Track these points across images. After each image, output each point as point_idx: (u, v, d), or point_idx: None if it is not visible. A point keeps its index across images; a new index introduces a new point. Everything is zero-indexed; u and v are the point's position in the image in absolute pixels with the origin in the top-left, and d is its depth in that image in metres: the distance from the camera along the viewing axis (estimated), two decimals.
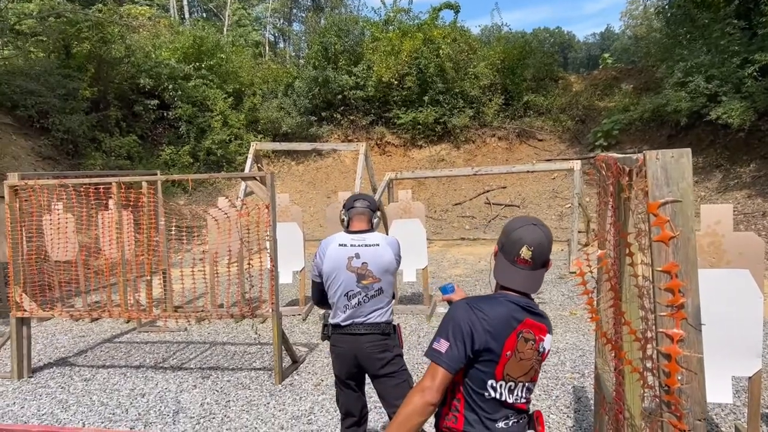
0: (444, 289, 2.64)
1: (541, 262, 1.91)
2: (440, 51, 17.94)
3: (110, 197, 6.42)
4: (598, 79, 20.43)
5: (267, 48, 33.99)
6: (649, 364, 1.76)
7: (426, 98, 18.35)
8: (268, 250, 5.19)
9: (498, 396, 1.85)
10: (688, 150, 1.40)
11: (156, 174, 7.07)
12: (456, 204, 16.38)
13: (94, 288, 9.02)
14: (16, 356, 5.63)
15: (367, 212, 3.24)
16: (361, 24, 20.73)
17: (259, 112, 19.44)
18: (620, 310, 2.06)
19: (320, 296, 3.26)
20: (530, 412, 1.99)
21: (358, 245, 3.13)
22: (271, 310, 5.20)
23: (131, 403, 4.96)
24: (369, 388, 3.34)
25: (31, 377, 5.72)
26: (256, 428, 4.36)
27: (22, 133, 15.64)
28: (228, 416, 4.60)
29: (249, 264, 5.35)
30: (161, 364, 5.98)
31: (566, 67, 32.37)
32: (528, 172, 12.85)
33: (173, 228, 6.87)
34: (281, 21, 45.26)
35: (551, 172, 16.50)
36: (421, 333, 6.69)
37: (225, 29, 28.45)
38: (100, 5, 17.86)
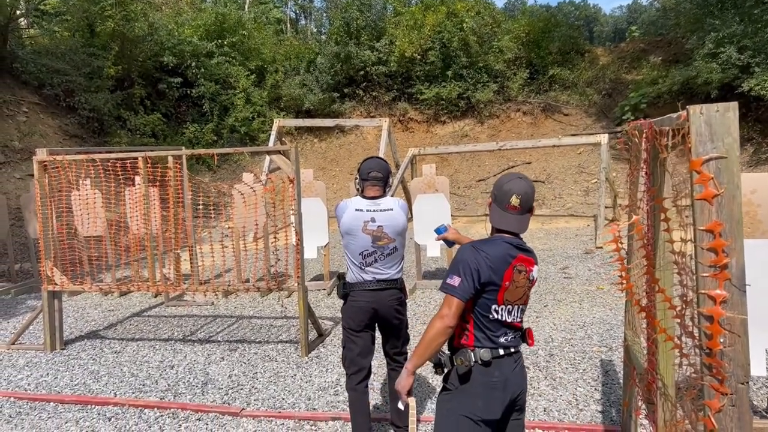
0: (438, 230, 3.02)
1: (527, 208, 2.31)
2: (464, 24, 17.65)
3: (137, 173, 6.49)
4: (626, 52, 19.94)
5: (288, 25, 33.85)
6: (688, 330, 1.71)
7: (449, 73, 18.12)
8: (294, 225, 5.19)
9: (499, 317, 2.26)
10: (735, 104, 1.34)
11: (181, 149, 7.10)
12: (480, 180, 16.24)
13: (124, 262, 9.17)
14: (48, 329, 5.75)
15: (381, 181, 3.44)
16: None
17: (282, 89, 19.40)
18: (654, 278, 2.01)
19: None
20: (523, 329, 2.40)
21: (374, 210, 3.35)
22: (296, 284, 5.22)
23: (161, 374, 5.04)
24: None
25: (64, 349, 5.84)
26: (283, 399, 4.40)
27: (49, 112, 15.84)
28: (255, 387, 4.65)
29: (275, 238, 5.36)
30: (189, 337, 6.06)
31: (592, 41, 31.56)
32: (554, 146, 12.63)
33: (200, 203, 6.92)
34: None
35: (577, 147, 16.25)
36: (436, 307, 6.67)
37: (246, 6, 28.33)
38: None
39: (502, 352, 2.27)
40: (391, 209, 3.40)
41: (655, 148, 2.14)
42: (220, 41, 18.91)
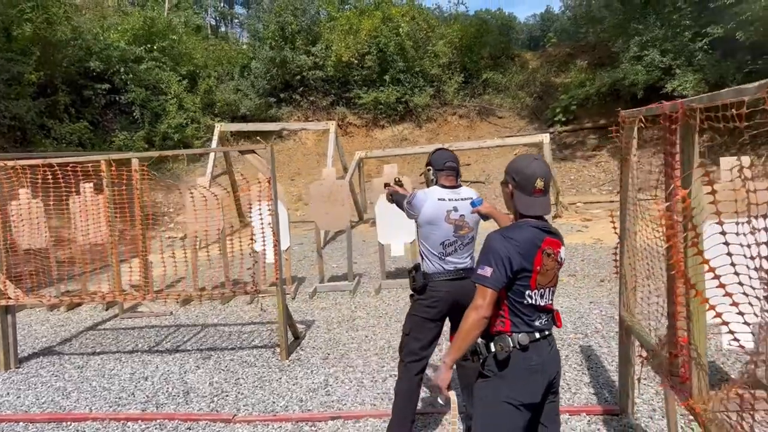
0: (474, 203, 3.14)
1: (548, 188, 2.35)
2: (400, 29, 17.84)
3: (89, 179, 6.17)
4: (553, 56, 20.74)
5: (209, 32, 33.06)
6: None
7: (387, 77, 18.25)
8: (271, 225, 5.08)
9: (534, 301, 2.29)
10: None
11: (130, 153, 6.79)
12: (422, 183, 16.39)
13: (77, 274, 8.66)
14: (1, 346, 5.36)
15: (455, 171, 3.49)
16: (316, 3, 20.38)
17: (215, 95, 18.93)
18: (699, 249, 2.10)
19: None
20: (553, 311, 2.43)
21: (456, 199, 3.38)
22: (277, 287, 5.11)
23: (136, 386, 4.80)
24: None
25: (19, 368, 5.46)
26: (274, 403, 4.29)
27: None
28: (242, 393, 4.51)
29: (251, 240, 5.23)
30: (156, 348, 5.81)
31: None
32: (498, 146, 12.98)
33: (168, 208, 6.66)
34: (222, 4, 44.13)
35: (513, 148, 16.71)
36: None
37: (165, 12, 27.49)
38: None
39: (538, 335, 2.31)
40: (471, 198, 3.40)
41: (687, 128, 2.23)
42: (149, 46, 18.24)
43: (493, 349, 2.30)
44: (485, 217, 3.17)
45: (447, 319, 3.47)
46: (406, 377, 3.38)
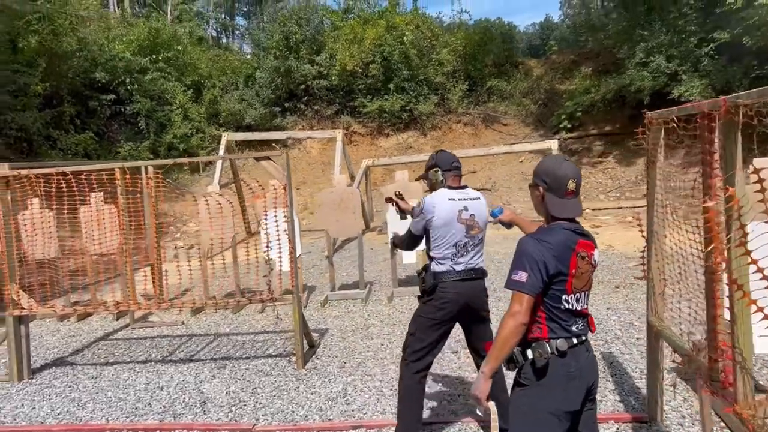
0: (494, 213, 3.07)
1: (579, 189, 2.30)
2: (404, 38, 17.87)
3: (93, 190, 6.14)
4: (557, 63, 20.76)
5: (211, 43, 33.14)
6: None
7: (391, 86, 18.27)
8: (286, 232, 5.03)
9: (570, 306, 2.23)
10: None
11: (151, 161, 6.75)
12: (426, 191, 16.35)
13: (88, 285, 8.61)
14: (15, 357, 5.31)
15: (460, 171, 3.50)
16: (320, 13, 20.45)
17: (220, 105, 18.97)
18: (747, 249, 2.05)
19: (413, 246, 3.58)
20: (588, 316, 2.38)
21: (465, 199, 3.37)
22: (293, 294, 5.06)
23: (152, 396, 4.74)
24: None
25: (32, 378, 5.40)
26: (293, 412, 4.23)
27: None
28: (260, 402, 4.45)
29: (267, 247, 5.18)
30: (169, 358, 5.75)
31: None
32: (506, 153, 12.94)
33: (174, 217, 6.62)
34: (223, 15, 44.31)
35: (519, 155, 16.69)
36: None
37: (168, 24, 27.60)
38: None
39: (575, 341, 2.26)
40: (479, 198, 3.46)
41: (730, 125, 2.18)
42: (154, 57, 18.29)
43: (530, 356, 2.24)
44: (508, 225, 3.10)
45: (458, 323, 3.45)
46: (407, 375, 3.36)
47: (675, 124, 2.95)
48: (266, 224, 5.08)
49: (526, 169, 16.28)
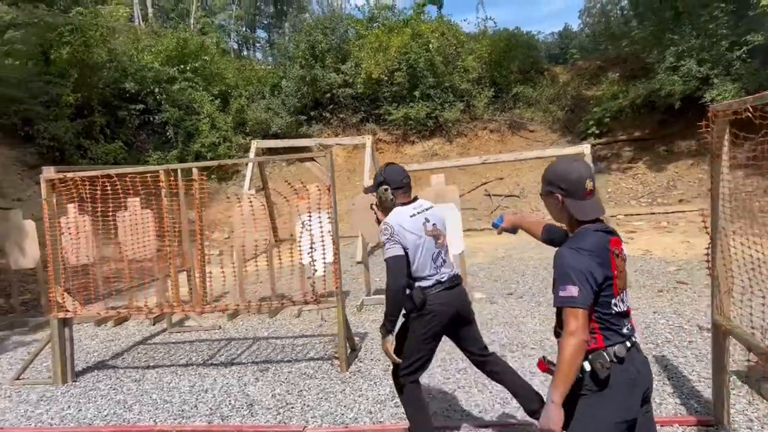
0: (495, 224, 2.92)
1: (595, 187, 2.22)
2: (430, 45, 17.85)
3: (139, 193, 6.18)
4: (583, 70, 20.59)
5: (232, 55, 33.53)
6: None
7: (417, 93, 18.23)
8: (330, 234, 5.00)
9: (619, 309, 2.16)
10: None
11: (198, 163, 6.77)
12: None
13: (125, 289, 8.65)
14: (59, 359, 5.33)
15: (409, 186, 3.42)
16: (345, 22, 20.53)
17: (247, 114, 19.08)
18: None
19: (404, 271, 3.22)
20: None
21: (423, 211, 3.34)
22: (336, 297, 5.02)
23: (197, 399, 4.72)
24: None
25: (76, 381, 5.41)
26: (342, 414, 4.17)
27: (6, 143, 15.08)
28: (307, 405, 4.40)
29: (312, 248, 5.15)
30: (210, 361, 5.73)
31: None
32: (536, 158, 12.80)
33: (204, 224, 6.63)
34: (244, 28, 44.84)
35: (544, 161, 16.52)
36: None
37: (195, 34, 27.95)
38: (81, 8, 17.33)
39: (629, 344, 2.18)
40: (432, 206, 3.46)
41: None
42: (182, 66, 18.50)
43: (588, 368, 2.13)
44: (513, 231, 2.90)
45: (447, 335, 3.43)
46: (406, 387, 3.36)
47: (751, 114, 2.86)
48: (310, 226, 5.02)
49: None
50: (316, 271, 5.68)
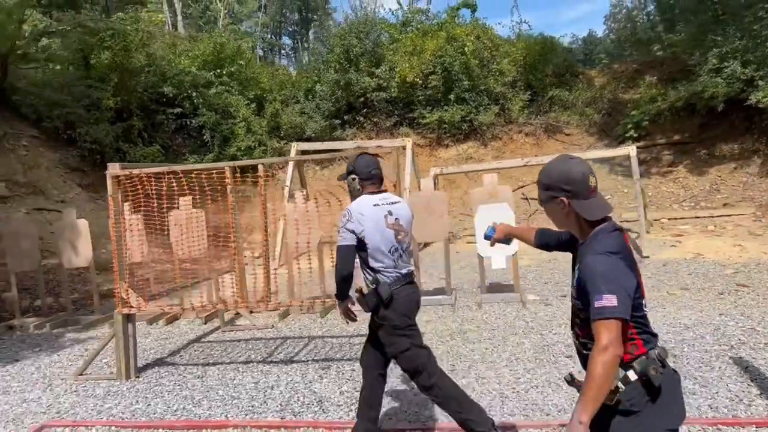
0: (487, 236, 2.70)
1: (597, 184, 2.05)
2: (465, 48, 17.77)
3: (184, 194, 6.23)
4: (619, 73, 20.34)
5: (258, 62, 33.91)
6: None
7: (451, 96, 18.16)
8: None
9: (647, 310, 2.03)
10: None
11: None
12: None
13: (177, 288, 8.74)
14: (123, 355, 5.37)
15: (379, 177, 3.41)
16: (379, 26, 20.57)
17: (281, 118, 19.22)
18: None
19: (352, 260, 3.27)
20: None
21: (388, 203, 3.33)
22: None
23: (265, 395, 4.71)
24: None
25: (138, 377, 5.45)
26: (416, 413, 4.12)
27: (49, 146, 15.35)
28: None
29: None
30: (270, 359, 5.73)
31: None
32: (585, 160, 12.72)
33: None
34: (270, 35, 45.32)
35: (591, 162, 16.34)
36: (524, 319, 6.49)
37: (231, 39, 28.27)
38: (121, 13, 17.64)
39: (660, 342, 2.05)
40: (400, 201, 3.44)
41: None
42: (218, 71, 18.71)
43: (632, 378, 1.92)
44: (507, 241, 2.71)
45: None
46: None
47: None
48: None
49: None
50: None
